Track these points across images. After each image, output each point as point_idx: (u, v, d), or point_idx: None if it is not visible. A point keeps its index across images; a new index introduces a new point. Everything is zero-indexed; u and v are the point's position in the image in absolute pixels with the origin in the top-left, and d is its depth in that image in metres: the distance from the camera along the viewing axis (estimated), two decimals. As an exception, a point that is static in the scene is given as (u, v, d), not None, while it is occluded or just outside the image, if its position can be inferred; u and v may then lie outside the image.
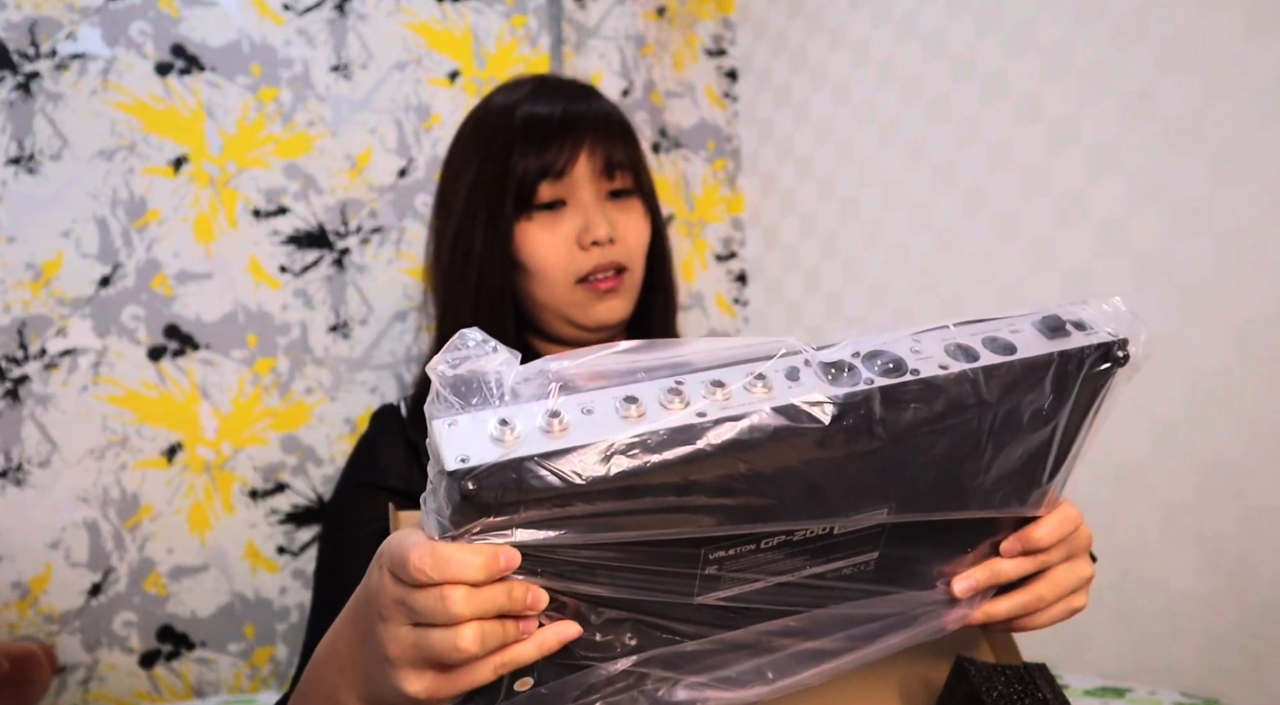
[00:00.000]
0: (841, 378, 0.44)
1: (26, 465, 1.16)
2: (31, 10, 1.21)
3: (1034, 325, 0.49)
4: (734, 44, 1.77)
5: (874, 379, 0.44)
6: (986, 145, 1.28)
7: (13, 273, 1.18)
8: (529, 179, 0.80)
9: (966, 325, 0.49)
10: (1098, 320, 0.51)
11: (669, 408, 0.41)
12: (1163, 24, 1.07)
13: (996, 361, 0.47)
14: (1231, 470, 1.00)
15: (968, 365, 0.46)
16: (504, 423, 0.39)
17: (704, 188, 1.69)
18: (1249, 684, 0.97)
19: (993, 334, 0.48)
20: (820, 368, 0.44)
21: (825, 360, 0.45)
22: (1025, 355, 0.48)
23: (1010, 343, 0.48)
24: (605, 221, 0.81)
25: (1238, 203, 1.00)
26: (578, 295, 0.82)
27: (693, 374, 0.43)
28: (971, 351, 0.47)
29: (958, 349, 0.47)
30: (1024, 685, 0.55)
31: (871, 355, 0.45)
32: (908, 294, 1.40)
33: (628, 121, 0.88)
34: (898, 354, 0.46)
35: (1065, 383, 0.49)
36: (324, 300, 1.34)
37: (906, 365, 0.45)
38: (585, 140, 0.81)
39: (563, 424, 0.40)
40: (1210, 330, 1.02)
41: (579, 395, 0.42)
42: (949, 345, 0.47)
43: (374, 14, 1.40)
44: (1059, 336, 0.49)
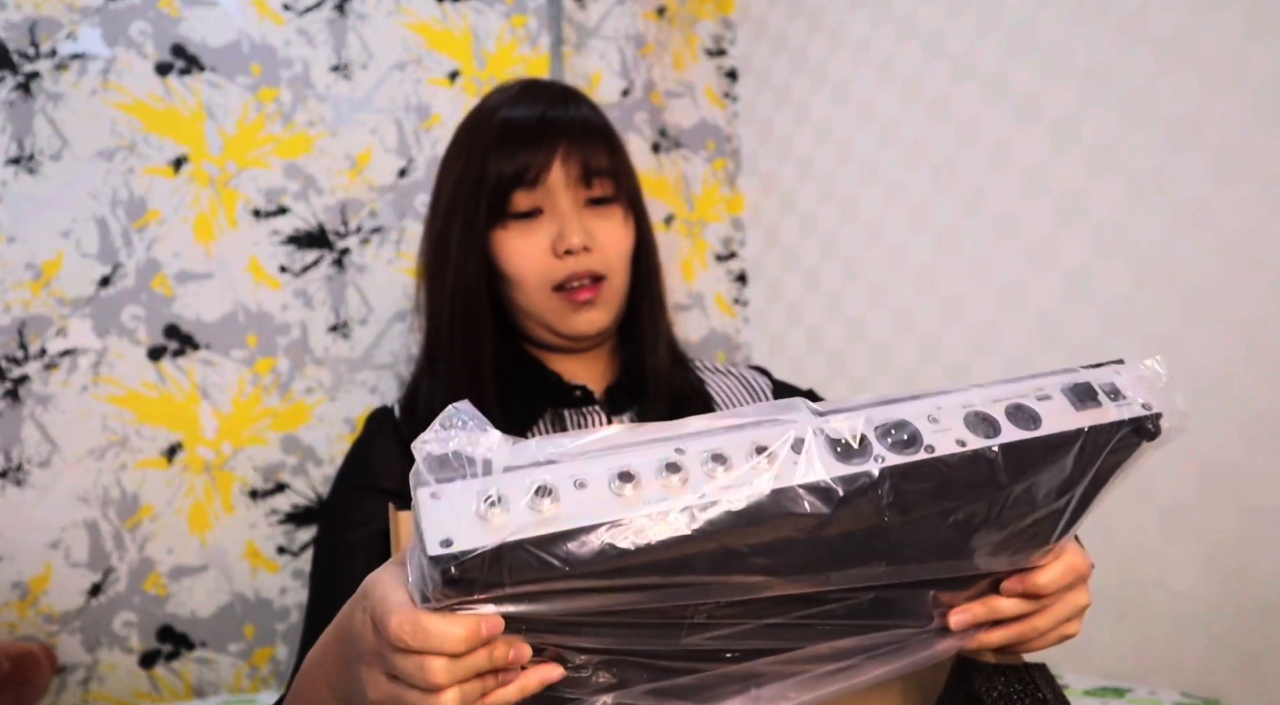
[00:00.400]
0: (851, 454, 0.41)
1: (26, 465, 1.16)
2: (31, 10, 1.21)
3: (1064, 392, 0.46)
4: (734, 44, 1.77)
5: (884, 456, 0.42)
6: (986, 145, 1.28)
7: (13, 273, 1.18)
8: (503, 186, 0.80)
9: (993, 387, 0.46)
10: (1132, 388, 0.48)
11: (666, 487, 0.39)
12: (1163, 24, 1.07)
13: (1018, 438, 0.44)
14: (1231, 470, 1.00)
15: (987, 442, 0.43)
16: (490, 502, 0.37)
17: (704, 188, 1.69)
18: (1249, 684, 0.97)
19: (1018, 401, 0.45)
20: (828, 441, 0.41)
21: (834, 434, 0.42)
22: (1050, 431, 0.45)
23: (1036, 414, 0.45)
24: (580, 230, 0.79)
25: (1238, 203, 1.00)
26: (555, 303, 0.81)
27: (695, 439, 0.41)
28: (993, 424, 0.44)
29: (978, 420, 0.44)
30: (1024, 685, 0.55)
31: (885, 428, 0.42)
32: (908, 294, 1.40)
33: (610, 127, 0.86)
34: (914, 427, 0.43)
35: (1089, 457, 0.46)
36: (324, 300, 1.34)
37: (921, 440, 0.42)
38: (560, 146, 0.80)
39: (554, 501, 0.38)
40: (1210, 330, 1.02)
41: (571, 464, 0.39)
42: (970, 414, 0.44)
43: (374, 14, 1.40)
44: (1089, 406, 0.46)
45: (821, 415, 0.43)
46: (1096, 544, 1.12)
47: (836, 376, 1.51)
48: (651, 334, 0.85)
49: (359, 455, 0.83)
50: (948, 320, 1.33)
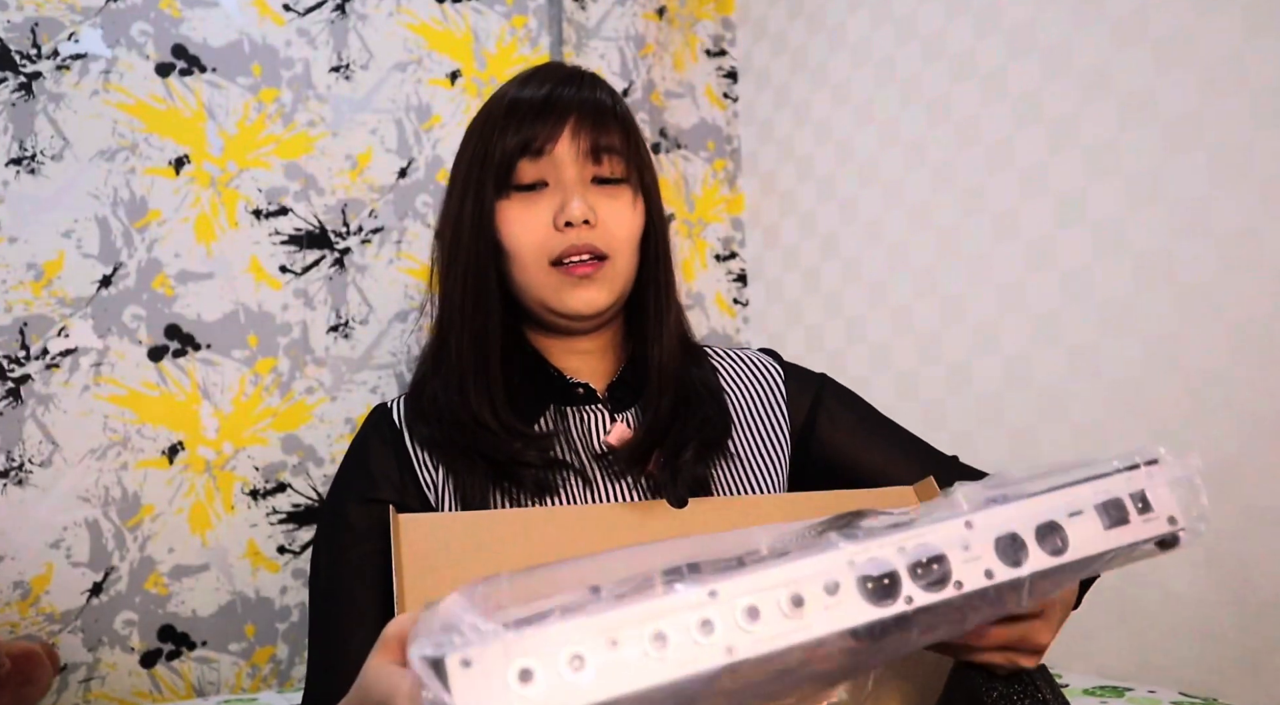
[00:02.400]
0: (881, 594, 0.41)
1: (28, 465, 1.16)
2: (33, 11, 1.22)
3: (1097, 509, 0.47)
4: (734, 44, 1.77)
5: (914, 596, 0.42)
6: (986, 145, 1.28)
7: (14, 273, 1.18)
8: (507, 156, 0.79)
9: (1024, 501, 0.46)
10: (1163, 500, 0.48)
11: (697, 644, 0.38)
12: (1163, 24, 1.07)
13: (1045, 567, 0.45)
14: (1231, 470, 1.00)
15: (1014, 574, 0.44)
16: (525, 676, 0.36)
17: (704, 188, 1.70)
18: (1247, 683, 0.97)
19: (1050, 520, 0.46)
20: (859, 581, 0.41)
21: (865, 572, 0.42)
22: (1075, 557, 0.45)
23: (1066, 537, 0.46)
24: (583, 202, 0.77)
25: (1237, 203, 1.00)
26: (553, 279, 0.78)
27: (726, 581, 0.40)
28: (1023, 548, 0.45)
29: (1009, 544, 0.44)
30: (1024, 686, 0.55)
31: (917, 563, 0.42)
32: (908, 294, 1.40)
33: (628, 113, 0.85)
34: (946, 562, 0.43)
35: (1107, 566, 0.48)
36: (324, 300, 1.34)
37: (950, 577, 0.43)
38: (569, 121, 0.79)
39: (587, 669, 0.36)
40: (1210, 330, 1.02)
41: (603, 618, 0.38)
42: (1001, 538, 0.44)
43: (375, 15, 1.40)
44: (1118, 524, 0.47)
45: (854, 541, 0.43)
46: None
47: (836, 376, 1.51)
48: (656, 327, 0.83)
49: (357, 461, 0.82)
50: (948, 320, 1.33)
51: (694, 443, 0.76)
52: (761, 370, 0.88)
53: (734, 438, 0.81)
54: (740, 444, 0.81)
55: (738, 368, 0.88)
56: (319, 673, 0.73)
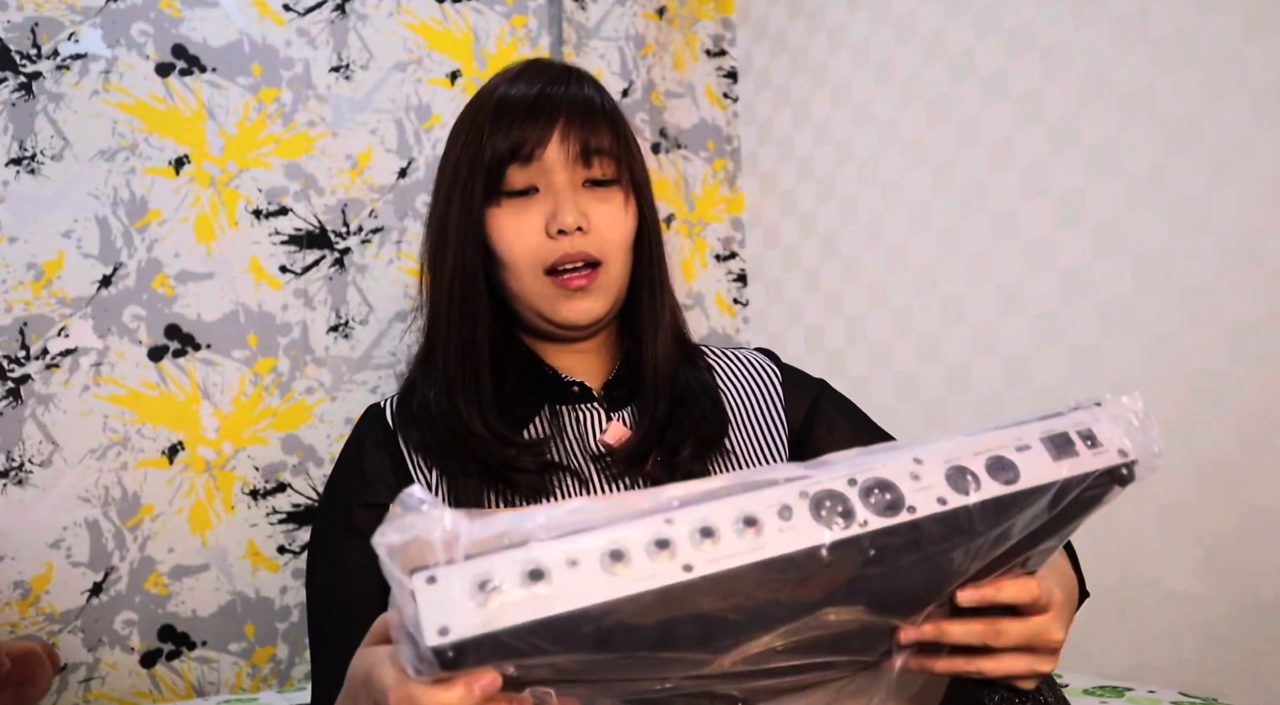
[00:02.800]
0: (835, 516, 0.43)
1: (28, 465, 1.16)
2: (33, 11, 1.22)
3: (1043, 442, 0.48)
4: (734, 44, 1.77)
5: (868, 520, 0.43)
6: (986, 145, 1.28)
7: (14, 273, 1.18)
8: (497, 162, 0.77)
9: (975, 437, 0.47)
10: (1110, 433, 0.49)
11: (657, 562, 0.40)
12: (1163, 24, 1.07)
13: (996, 494, 0.46)
14: (1231, 470, 1.00)
15: (966, 500, 0.45)
16: (483, 586, 0.38)
17: (704, 188, 1.70)
18: (1247, 683, 0.97)
19: (998, 454, 0.47)
20: (812, 505, 0.43)
21: (818, 498, 0.43)
22: (1027, 485, 0.46)
23: (1014, 466, 0.47)
24: (575, 209, 0.76)
25: (1237, 203, 1.00)
26: (547, 289, 0.77)
27: (683, 511, 0.42)
28: (973, 478, 0.46)
29: (959, 474, 0.46)
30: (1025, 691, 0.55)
31: (869, 489, 0.44)
32: (908, 294, 1.40)
33: (617, 110, 0.83)
34: (897, 489, 0.44)
35: (1064, 503, 0.48)
36: (324, 300, 1.34)
37: (904, 502, 0.44)
38: (558, 122, 0.77)
39: (548, 582, 0.39)
40: (1209, 330, 1.02)
41: (563, 542, 0.40)
42: (951, 469, 0.46)
43: (375, 15, 1.40)
44: (1066, 456, 0.48)
45: (805, 476, 0.44)
46: (1096, 544, 1.13)
47: (837, 376, 1.51)
48: (651, 326, 0.83)
49: (352, 465, 0.81)
50: (948, 320, 1.33)
51: (691, 441, 0.76)
52: (759, 371, 0.87)
53: (730, 436, 0.81)
54: (737, 442, 0.81)
55: (735, 367, 0.87)
56: (327, 684, 0.72)
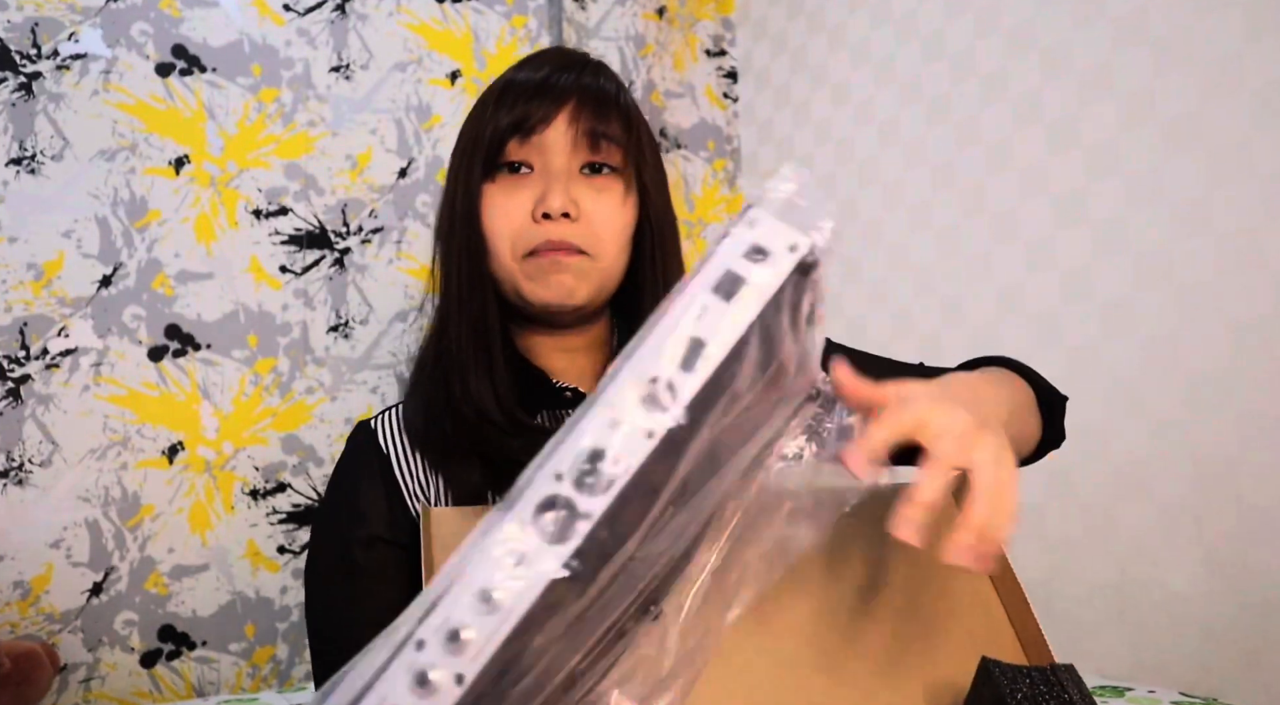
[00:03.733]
0: (563, 525, 0.38)
1: (28, 465, 1.16)
2: (33, 11, 1.22)
3: (712, 293, 0.42)
4: (734, 44, 1.77)
5: (589, 510, 0.38)
6: (986, 145, 1.28)
7: (14, 273, 1.18)
8: (498, 137, 0.74)
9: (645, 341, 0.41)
10: (771, 236, 0.43)
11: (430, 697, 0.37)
12: (1163, 24, 1.07)
13: (698, 387, 0.40)
14: (1230, 470, 1.00)
15: (675, 419, 0.40)
16: None
17: (704, 188, 1.70)
18: (1247, 682, 0.97)
19: (684, 336, 0.41)
20: (539, 526, 0.39)
21: (539, 504, 0.39)
22: (719, 353, 0.41)
23: (699, 342, 0.41)
24: (564, 194, 0.72)
25: (1237, 203, 1.00)
26: (527, 267, 0.74)
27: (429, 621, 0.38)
28: (670, 388, 0.40)
29: (651, 398, 0.40)
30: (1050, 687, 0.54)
31: (577, 476, 0.39)
32: (908, 294, 1.40)
33: (633, 104, 0.79)
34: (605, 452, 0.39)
35: (773, 328, 0.43)
36: (324, 300, 1.34)
37: (616, 460, 0.39)
38: (565, 105, 0.74)
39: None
40: (1209, 330, 1.02)
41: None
42: (645, 396, 0.40)
43: (375, 15, 1.40)
44: (740, 292, 0.42)
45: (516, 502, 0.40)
46: (1096, 544, 1.13)
47: (836, 376, 1.51)
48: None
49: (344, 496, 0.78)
50: (948, 320, 1.33)
51: None
52: None
53: None
54: None
55: None
56: None
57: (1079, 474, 1.14)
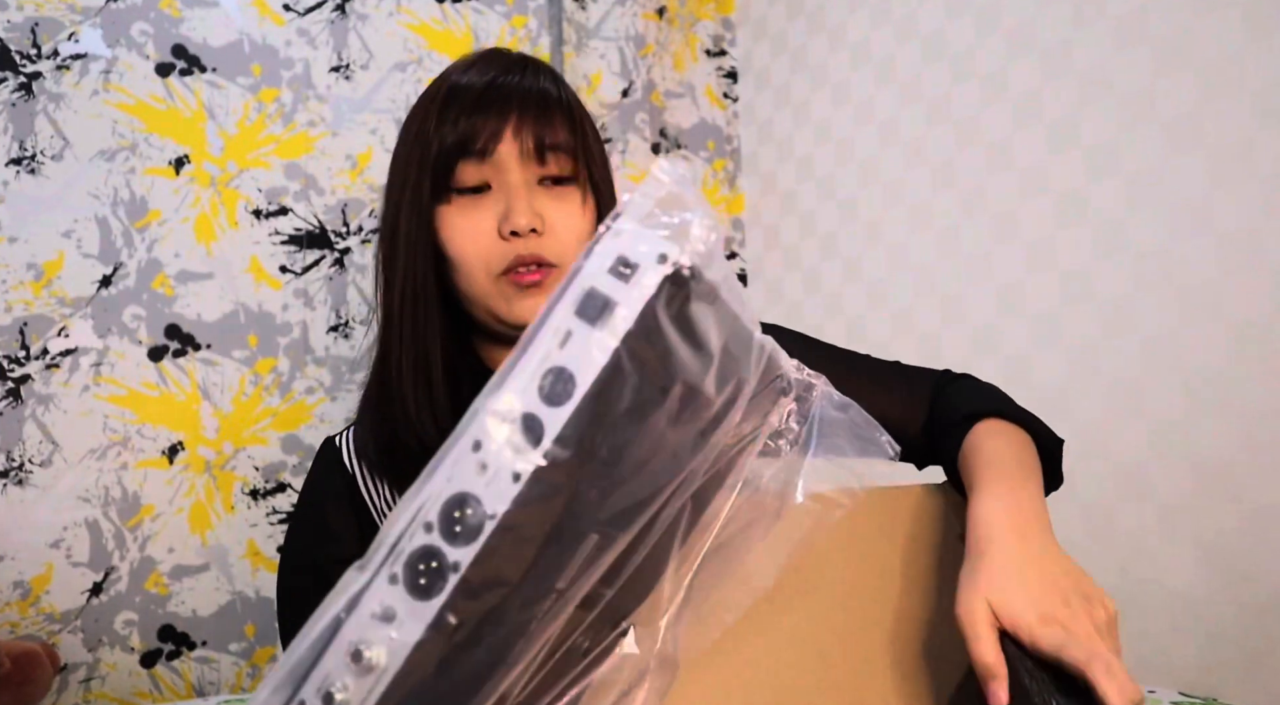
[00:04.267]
0: (429, 580, 0.36)
1: (28, 465, 1.16)
2: (33, 11, 1.22)
3: (576, 316, 0.38)
4: (734, 44, 1.77)
5: (461, 563, 0.36)
6: (986, 145, 1.28)
7: (14, 273, 1.18)
8: (445, 156, 0.72)
9: (509, 376, 0.38)
10: (638, 246, 0.38)
11: None
12: (1163, 24, 1.07)
13: (560, 426, 0.37)
14: (1230, 470, 1.00)
15: (537, 460, 0.37)
16: None
17: (704, 188, 1.69)
18: (1247, 682, 0.97)
19: (547, 367, 0.37)
20: (411, 586, 0.36)
21: (408, 559, 0.37)
22: (589, 384, 0.37)
23: (565, 372, 0.37)
24: (528, 210, 0.72)
25: (1237, 203, 1.00)
26: (501, 287, 0.73)
27: (309, 681, 0.37)
28: (534, 425, 0.37)
29: (524, 427, 0.37)
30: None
31: (445, 524, 0.36)
32: (908, 294, 1.40)
33: (575, 102, 0.78)
34: (471, 498, 0.36)
35: (659, 347, 0.39)
36: (324, 300, 1.34)
37: (482, 507, 0.36)
38: (510, 116, 0.72)
39: None
40: (1209, 330, 1.02)
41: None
42: (513, 430, 0.37)
43: (375, 14, 1.40)
44: (606, 316, 0.38)
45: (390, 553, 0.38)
46: (1096, 544, 1.13)
47: (837, 376, 1.51)
48: None
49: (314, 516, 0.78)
50: (948, 320, 1.33)
51: None
52: None
53: None
54: None
55: None
56: None
57: (1079, 474, 1.14)
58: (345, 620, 0.36)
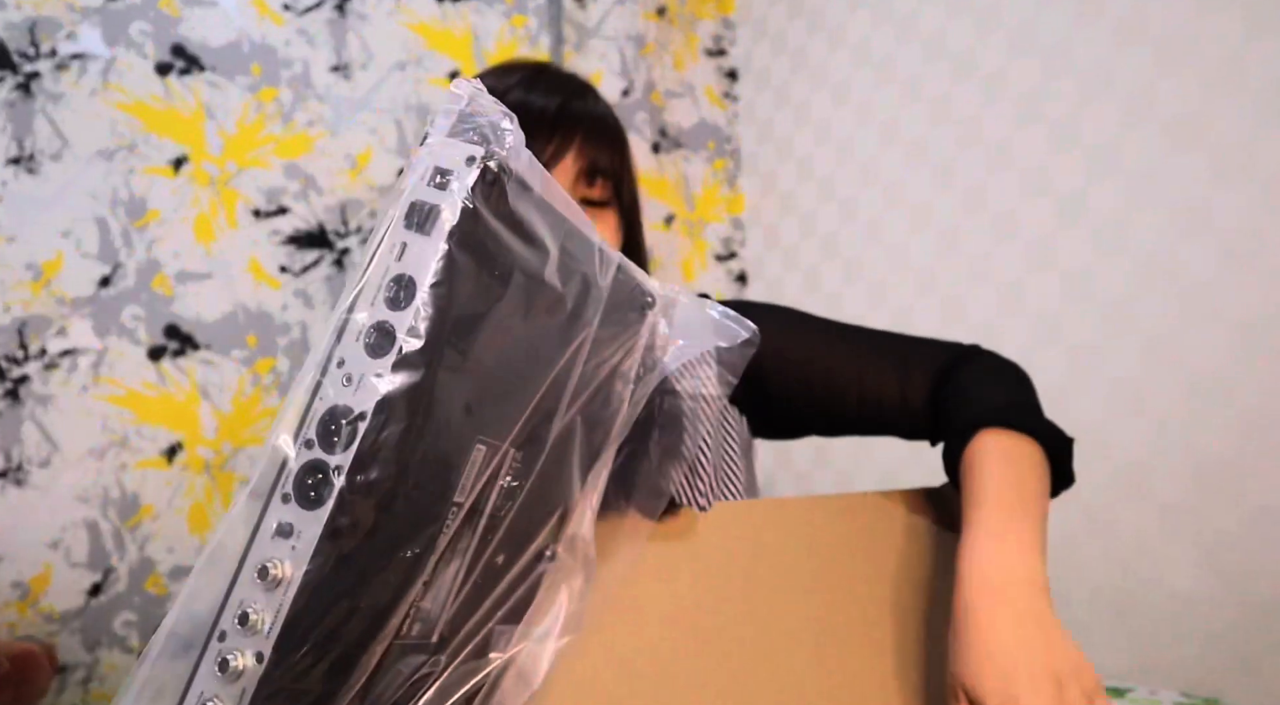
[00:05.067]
0: (317, 490, 0.38)
1: (27, 465, 1.16)
2: (31, 10, 1.21)
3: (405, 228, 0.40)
4: (734, 44, 1.77)
5: (342, 466, 0.38)
6: (986, 145, 1.28)
7: (13, 273, 1.18)
8: None
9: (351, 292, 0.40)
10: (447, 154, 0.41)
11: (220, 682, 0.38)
12: (1163, 24, 1.07)
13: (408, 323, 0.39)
14: (1231, 470, 1.00)
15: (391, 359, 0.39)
16: None
17: (704, 188, 1.69)
18: (1248, 683, 0.97)
19: (389, 279, 0.39)
20: (296, 495, 0.38)
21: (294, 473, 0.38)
22: (425, 285, 0.39)
23: (405, 278, 0.40)
24: None
25: (1238, 203, 1.00)
26: None
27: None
28: (386, 329, 0.39)
29: (377, 333, 0.39)
30: None
31: (321, 440, 0.38)
32: (908, 294, 1.40)
33: (621, 127, 0.82)
34: (340, 416, 0.38)
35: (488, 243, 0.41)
36: (324, 300, 1.34)
37: (352, 421, 0.38)
38: (575, 139, 0.75)
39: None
40: (1210, 330, 1.02)
41: None
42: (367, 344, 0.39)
43: (374, 14, 1.40)
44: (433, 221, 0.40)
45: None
46: (1096, 544, 1.13)
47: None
48: None
49: None
50: (948, 320, 1.33)
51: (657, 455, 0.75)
52: None
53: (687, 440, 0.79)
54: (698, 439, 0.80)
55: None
56: None
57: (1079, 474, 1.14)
58: (249, 546, 0.39)
